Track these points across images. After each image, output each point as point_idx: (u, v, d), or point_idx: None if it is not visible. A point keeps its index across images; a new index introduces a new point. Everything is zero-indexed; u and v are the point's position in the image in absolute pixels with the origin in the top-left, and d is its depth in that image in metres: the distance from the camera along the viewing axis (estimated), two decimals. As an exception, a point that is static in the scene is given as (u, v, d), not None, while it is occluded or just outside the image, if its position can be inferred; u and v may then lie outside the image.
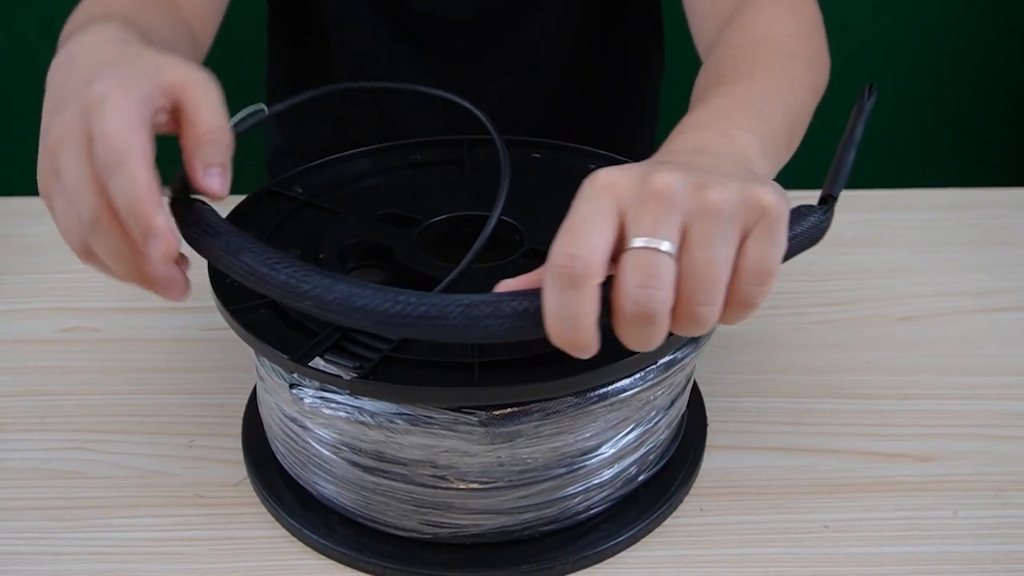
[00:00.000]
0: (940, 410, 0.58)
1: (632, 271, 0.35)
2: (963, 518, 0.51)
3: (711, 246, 0.35)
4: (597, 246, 0.35)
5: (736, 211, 0.36)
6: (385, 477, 0.46)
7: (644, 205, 0.35)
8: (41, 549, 0.49)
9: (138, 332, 0.63)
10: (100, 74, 0.39)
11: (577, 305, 0.35)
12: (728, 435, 0.55)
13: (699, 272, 0.35)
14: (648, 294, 0.35)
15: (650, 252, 0.35)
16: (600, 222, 0.35)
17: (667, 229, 0.35)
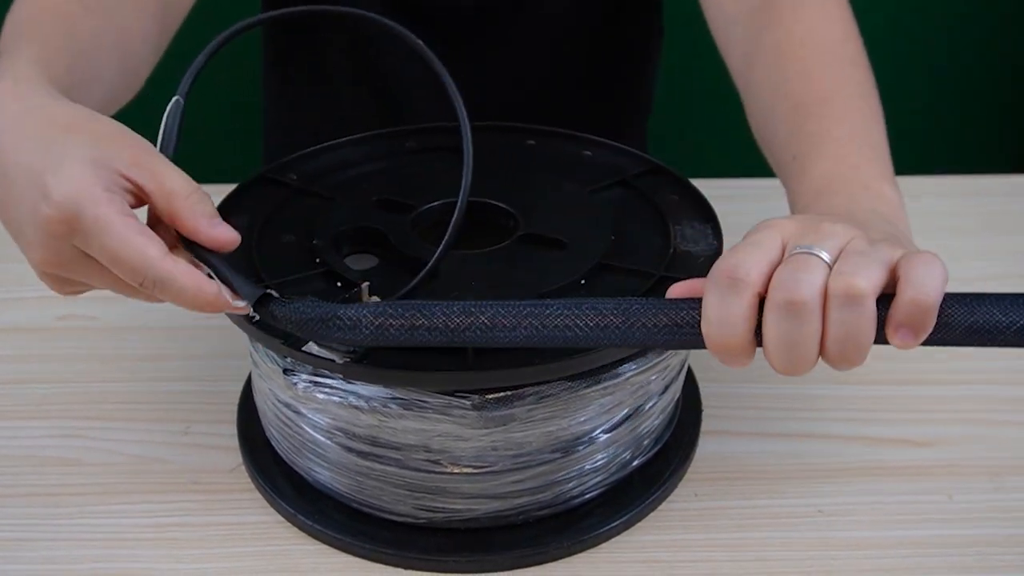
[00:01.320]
0: (936, 395, 0.58)
1: (787, 264, 0.38)
2: (959, 502, 0.51)
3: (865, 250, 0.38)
4: (759, 260, 0.38)
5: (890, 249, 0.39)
6: (379, 462, 0.46)
7: (807, 234, 0.39)
8: (37, 535, 0.49)
9: (133, 320, 0.63)
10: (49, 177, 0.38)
11: (735, 308, 0.38)
12: (723, 420, 0.55)
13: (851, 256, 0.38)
14: (796, 280, 0.37)
15: (806, 254, 0.38)
16: (765, 244, 0.39)
17: (824, 244, 0.38)
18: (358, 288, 0.46)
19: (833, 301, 0.37)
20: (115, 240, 0.38)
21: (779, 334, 0.38)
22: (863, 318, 0.37)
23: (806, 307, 0.37)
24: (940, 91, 1.37)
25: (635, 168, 0.57)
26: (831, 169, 0.48)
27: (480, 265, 0.49)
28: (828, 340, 0.38)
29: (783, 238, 0.39)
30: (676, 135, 1.12)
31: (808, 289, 0.37)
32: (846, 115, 0.51)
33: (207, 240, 0.41)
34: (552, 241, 0.50)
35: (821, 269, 0.38)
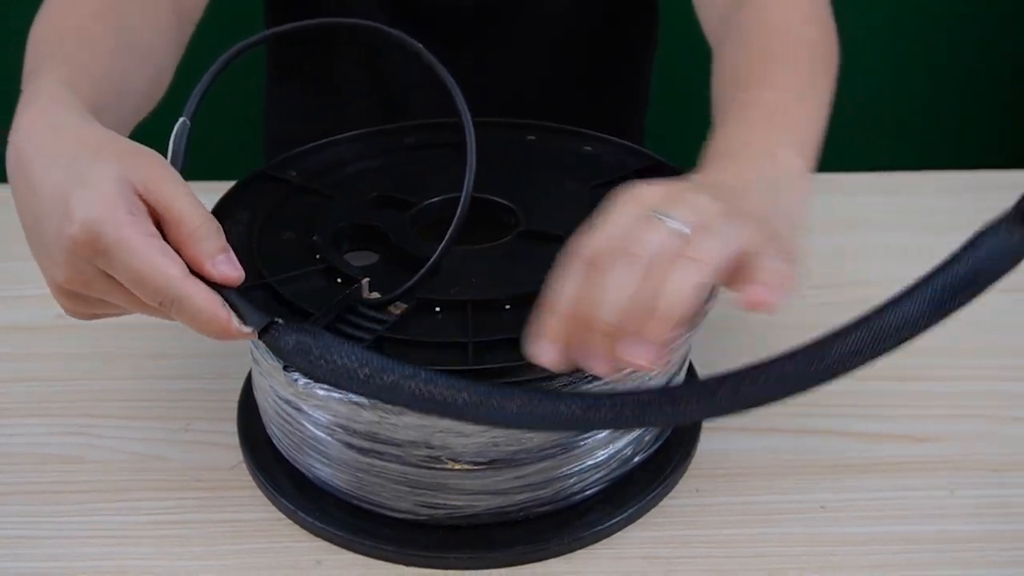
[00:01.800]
0: (937, 391, 0.58)
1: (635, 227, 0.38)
2: (960, 498, 0.51)
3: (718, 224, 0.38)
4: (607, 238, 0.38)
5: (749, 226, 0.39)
6: (380, 458, 0.46)
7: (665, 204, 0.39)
8: (38, 533, 0.49)
9: (133, 317, 0.62)
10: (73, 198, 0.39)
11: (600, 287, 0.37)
12: (724, 417, 0.55)
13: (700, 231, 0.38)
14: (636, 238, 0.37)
15: (654, 218, 0.38)
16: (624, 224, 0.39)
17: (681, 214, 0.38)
18: (358, 284, 0.46)
19: (677, 262, 0.37)
20: (137, 261, 0.39)
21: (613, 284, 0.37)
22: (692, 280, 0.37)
23: (637, 261, 0.37)
24: (940, 88, 1.37)
25: (636, 164, 0.57)
26: (738, 134, 0.48)
27: (481, 261, 0.49)
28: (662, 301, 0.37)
29: (644, 209, 0.39)
30: (674, 131, 1.12)
31: (647, 245, 0.37)
32: (776, 89, 0.51)
33: (211, 278, 0.41)
34: (553, 237, 0.50)
35: (666, 233, 0.38)
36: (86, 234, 0.39)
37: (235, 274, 0.41)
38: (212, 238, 0.41)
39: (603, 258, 0.38)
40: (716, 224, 0.38)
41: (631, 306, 0.37)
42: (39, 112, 0.43)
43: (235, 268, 0.41)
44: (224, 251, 0.41)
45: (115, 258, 0.39)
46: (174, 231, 0.41)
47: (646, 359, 0.37)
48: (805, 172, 0.47)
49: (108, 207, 0.39)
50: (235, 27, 0.72)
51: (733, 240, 0.38)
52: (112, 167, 0.40)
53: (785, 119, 0.49)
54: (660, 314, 0.37)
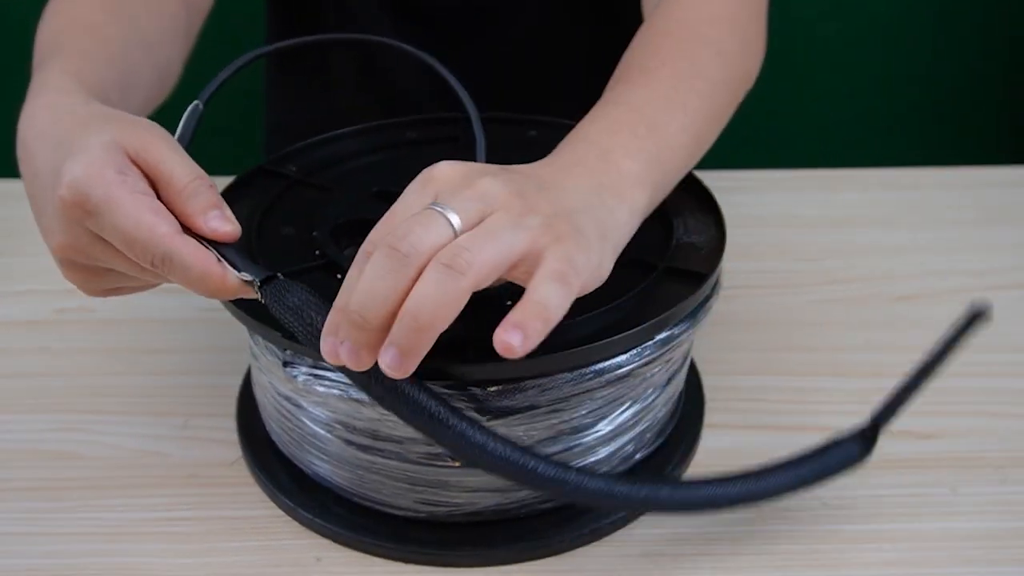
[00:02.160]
0: (939, 387, 0.56)
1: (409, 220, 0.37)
2: (963, 495, 0.50)
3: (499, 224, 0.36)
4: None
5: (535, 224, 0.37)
6: (380, 455, 0.46)
7: (456, 192, 0.37)
8: (35, 530, 0.49)
9: (132, 312, 0.63)
10: (64, 164, 0.39)
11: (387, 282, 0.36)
12: (726, 413, 0.55)
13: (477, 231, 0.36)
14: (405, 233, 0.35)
15: (431, 210, 0.37)
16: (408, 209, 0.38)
17: (462, 207, 0.37)
18: None
19: (433, 264, 0.35)
20: (124, 218, 0.38)
21: (367, 278, 0.36)
22: (442, 288, 0.35)
23: (403, 259, 0.35)
24: (939, 84, 1.36)
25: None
26: (589, 129, 0.46)
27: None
28: (407, 300, 0.35)
29: (436, 191, 0.38)
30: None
31: (414, 242, 0.35)
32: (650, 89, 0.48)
33: (204, 233, 0.40)
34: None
35: (438, 230, 0.36)
36: (74, 194, 0.38)
37: (228, 228, 0.40)
38: (203, 194, 0.40)
39: (373, 246, 0.37)
40: (496, 224, 0.36)
41: (379, 302, 0.35)
42: (42, 102, 0.43)
43: (228, 222, 0.40)
44: (216, 207, 0.40)
45: (104, 217, 0.38)
46: (166, 190, 0.40)
47: (391, 367, 0.36)
48: (641, 183, 0.44)
49: (96, 167, 0.38)
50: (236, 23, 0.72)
51: (507, 245, 0.36)
52: (104, 134, 0.40)
53: (643, 124, 0.46)
54: (405, 317, 0.35)
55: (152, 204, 0.39)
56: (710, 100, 0.50)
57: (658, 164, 0.45)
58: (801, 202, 0.75)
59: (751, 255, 0.68)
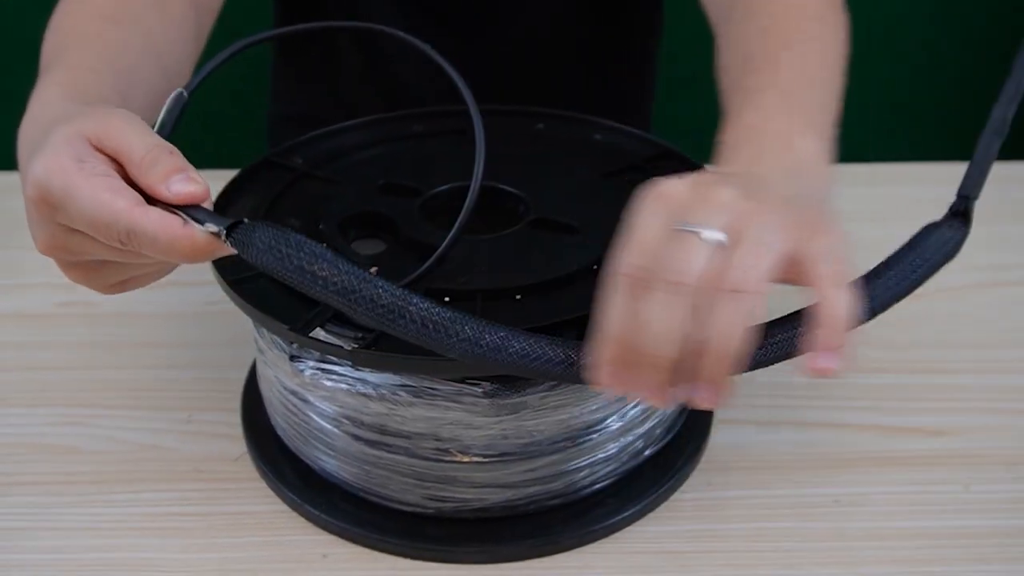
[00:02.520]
0: (952, 384, 0.57)
1: (672, 246, 0.35)
2: (975, 492, 0.50)
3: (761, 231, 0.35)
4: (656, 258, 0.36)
5: (789, 222, 0.36)
6: (387, 450, 0.45)
7: (694, 206, 0.36)
8: (39, 524, 0.48)
9: (136, 306, 0.62)
10: (28, 164, 0.39)
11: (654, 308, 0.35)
12: (736, 409, 0.55)
13: (745, 243, 0.35)
14: (683, 264, 0.34)
15: (691, 234, 0.35)
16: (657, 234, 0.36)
17: (712, 221, 0.35)
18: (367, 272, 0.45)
19: (722, 294, 0.34)
20: (82, 202, 0.38)
21: (654, 319, 0.35)
22: (741, 317, 0.34)
23: (688, 291, 0.34)
24: (948, 78, 1.36)
25: (646, 152, 0.56)
26: (751, 122, 0.46)
27: (490, 250, 0.48)
28: (707, 334, 0.34)
29: (672, 212, 0.36)
30: (677, 121, 1.11)
31: (693, 271, 0.34)
32: (786, 70, 0.49)
33: (169, 200, 0.39)
34: (563, 226, 0.49)
35: (707, 253, 0.35)
36: (37, 190, 0.38)
37: (193, 188, 0.39)
38: (162, 161, 0.39)
39: (642, 280, 0.35)
40: (751, 229, 0.35)
41: (681, 343, 0.35)
42: (29, 115, 0.44)
43: (192, 182, 0.39)
44: (179, 170, 0.39)
45: (67, 206, 0.38)
46: (128, 167, 0.39)
47: (708, 402, 0.36)
48: (824, 156, 0.45)
49: (54, 159, 0.38)
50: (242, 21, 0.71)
51: (773, 248, 0.35)
52: (67, 127, 0.39)
53: (799, 102, 0.47)
54: (715, 355, 0.35)
55: (110, 183, 0.38)
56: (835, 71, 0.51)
57: (826, 137, 0.46)
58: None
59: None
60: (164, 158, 0.39)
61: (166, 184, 0.39)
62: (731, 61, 0.53)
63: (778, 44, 0.51)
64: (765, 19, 0.53)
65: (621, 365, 0.36)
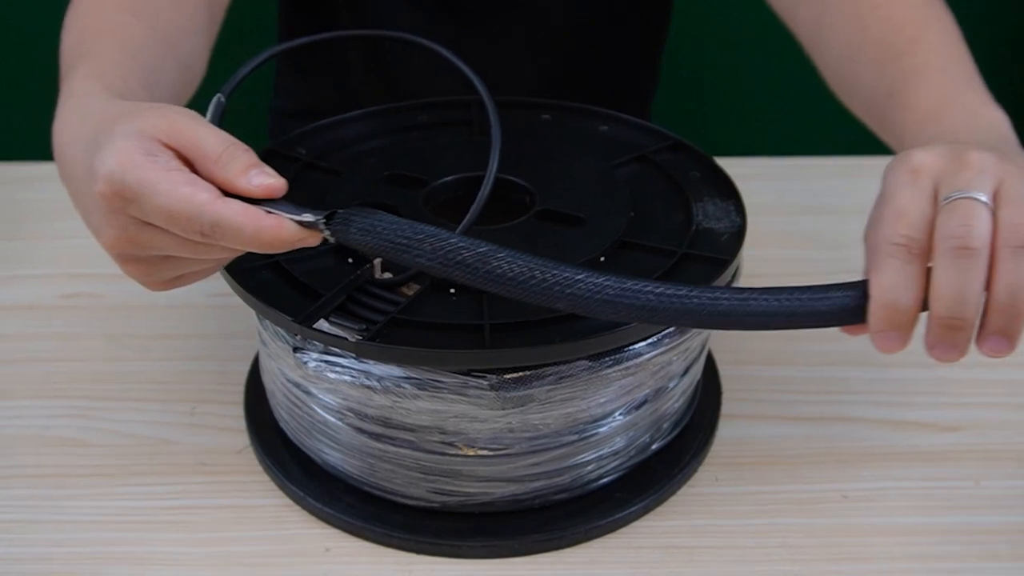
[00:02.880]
0: (963, 379, 0.56)
1: (948, 213, 0.37)
2: (986, 488, 0.49)
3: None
4: (920, 216, 0.37)
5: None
6: (392, 444, 0.45)
7: (958, 173, 0.38)
8: (42, 517, 0.48)
9: (139, 298, 0.62)
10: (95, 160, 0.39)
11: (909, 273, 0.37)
12: (743, 403, 0.54)
13: (1015, 201, 0.37)
14: (967, 228, 0.36)
15: (964, 199, 0.37)
16: (922, 203, 0.38)
17: (980, 184, 0.37)
18: (370, 265, 0.45)
19: (1005, 251, 0.36)
20: (162, 196, 0.38)
21: (950, 285, 0.36)
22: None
23: (978, 254, 0.36)
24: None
25: (654, 144, 0.56)
26: (935, 98, 0.48)
27: (497, 242, 0.47)
28: (997, 290, 0.36)
29: (932, 181, 0.38)
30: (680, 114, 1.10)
31: (979, 235, 0.36)
32: (936, 49, 0.51)
33: (251, 193, 0.39)
34: (571, 218, 0.49)
35: (986, 215, 0.37)
36: (110, 185, 0.38)
37: (272, 182, 0.39)
38: (239, 159, 0.39)
39: (917, 250, 0.37)
40: (1016, 189, 0.37)
41: (971, 302, 0.37)
42: (70, 106, 0.44)
43: (272, 176, 0.39)
44: (256, 165, 0.39)
45: (144, 200, 0.38)
46: (203, 164, 0.39)
47: (990, 350, 0.38)
48: (1007, 120, 0.46)
49: (126, 154, 0.38)
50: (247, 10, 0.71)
51: None
52: (130, 124, 0.39)
53: (964, 80, 0.48)
54: (1007, 309, 0.37)
55: (186, 177, 0.38)
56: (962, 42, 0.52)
57: (994, 102, 0.48)
58: (824, 190, 0.74)
59: (772, 242, 0.67)
60: (240, 154, 0.39)
61: (246, 178, 0.39)
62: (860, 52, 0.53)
63: (910, 29, 0.52)
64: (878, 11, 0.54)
65: (894, 328, 0.38)
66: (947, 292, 0.37)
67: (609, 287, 0.37)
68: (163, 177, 0.38)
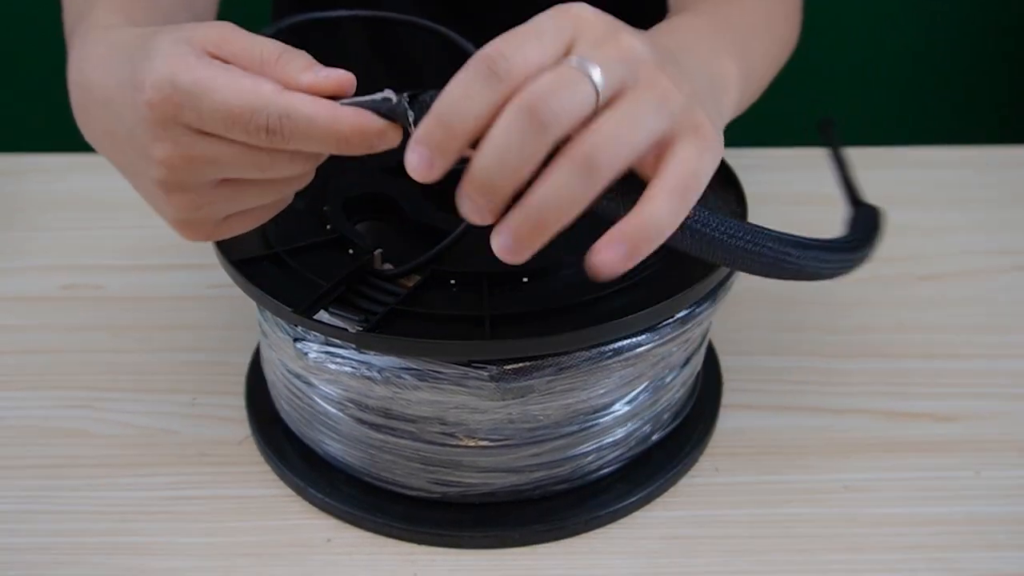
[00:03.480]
0: (964, 369, 0.56)
1: (552, 73, 0.32)
2: (986, 478, 0.49)
3: (642, 108, 0.32)
4: (531, 55, 0.32)
5: (676, 108, 0.33)
6: (392, 434, 0.45)
7: (599, 46, 0.33)
8: (42, 507, 0.48)
9: (140, 289, 0.62)
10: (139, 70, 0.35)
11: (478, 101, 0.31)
12: (744, 394, 0.54)
13: (617, 114, 0.32)
14: (550, 94, 0.31)
15: (576, 70, 0.32)
16: (546, 40, 0.33)
17: (607, 70, 0.32)
18: (371, 255, 0.45)
19: (567, 160, 0.31)
20: (222, 92, 0.34)
21: (504, 140, 0.31)
22: (584, 192, 0.32)
23: (546, 128, 0.31)
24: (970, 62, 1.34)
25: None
26: (692, 24, 0.46)
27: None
28: (536, 191, 0.32)
29: (572, 34, 0.33)
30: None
31: (559, 118, 0.31)
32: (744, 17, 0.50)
33: (319, 87, 0.35)
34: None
35: (587, 103, 0.32)
36: (160, 91, 0.34)
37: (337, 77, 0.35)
38: (298, 59, 0.35)
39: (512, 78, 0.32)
40: (641, 107, 0.32)
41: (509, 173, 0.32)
42: (92, 38, 0.40)
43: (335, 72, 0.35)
44: (316, 64, 0.36)
45: (200, 102, 0.34)
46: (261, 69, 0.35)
47: (499, 247, 0.33)
48: (737, 87, 0.43)
49: (175, 58, 0.35)
50: None
51: (649, 134, 0.32)
52: (176, 34, 0.36)
53: (737, 38, 0.47)
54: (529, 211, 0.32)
55: (244, 72, 0.35)
56: (777, 52, 0.51)
57: (746, 78, 0.45)
58: (826, 180, 0.73)
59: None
60: (300, 55, 0.36)
61: (312, 72, 0.35)
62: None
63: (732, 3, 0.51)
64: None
65: (429, 146, 0.32)
66: (492, 147, 0.31)
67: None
68: (221, 72, 0.34)
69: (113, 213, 0.69)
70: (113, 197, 0.70)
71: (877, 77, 1.31)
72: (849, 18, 1.26)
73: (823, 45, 1.21)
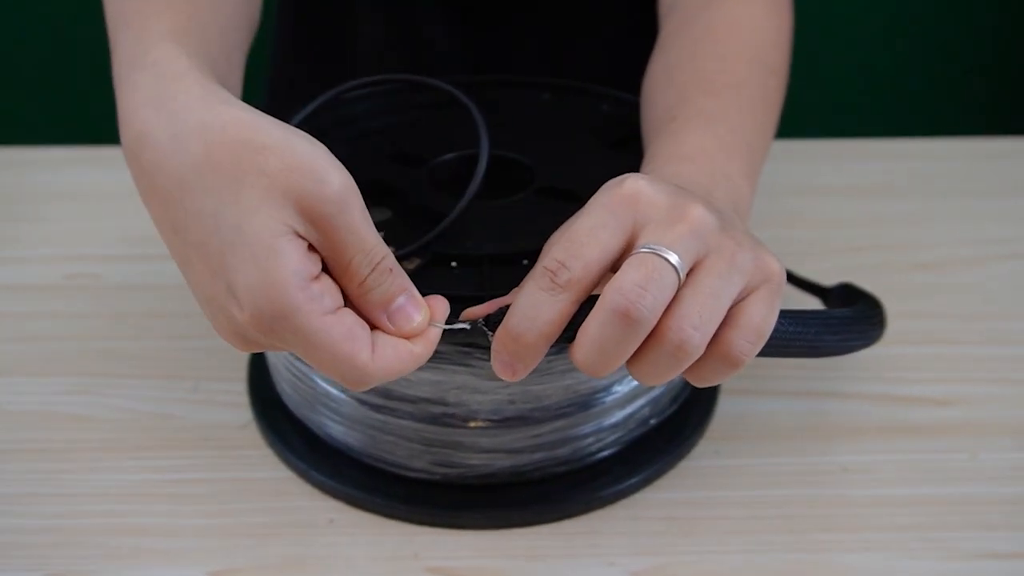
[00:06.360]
0: (959, 355, 0.57)
1: (634, 268, 0.34)
2: (981, 461, 0.50)
3: (721, 280, 0.35)
4: (594, 262, 0.35)
5: (748, 267, 0.36)
6: (393, 416, 0.45)
7: (670, 226, 0.35)
8: (46, 490, 0.48)
9: (141, 278, 0.62)
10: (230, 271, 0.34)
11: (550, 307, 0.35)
12: (743, 378, 0.54)
13: (702, 294, 0.35)
14: (640, 294, 0.34)
15: (658, 258, 0.34)
16: (607, 236, 0.35)
17: (683, 250, 0.35)
18: None
19: (663, 343, 0.35)
20: (319, 351, 0.34)
21: (600, 339, 0.34)
22: (677, 366, 0.35)
23: (641, 324, 0.34)
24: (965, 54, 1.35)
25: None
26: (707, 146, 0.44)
27: (497, 217, 0.48)
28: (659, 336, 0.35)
29: (634, 219, 0.35)
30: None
31: (650, 309, 0.34)
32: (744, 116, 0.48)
33: (388, 332, 0.36)
34: (569, 194, 0.49)
35: (671, 279, 0.34)
36: (259, 323, 0.34)
37: (416, 323, 0.36)
38: (383, 287, 0.36)
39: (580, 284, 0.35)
40: (717, 282, 0.35)
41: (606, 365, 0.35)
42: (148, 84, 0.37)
43: (414, 316, 0.36)
44: (403, 290, 0.36)
45: (287, 336, 0.34)
46: (347, 283, 0.36)
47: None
48: (751, 197, 0.44)
49: (277, 290, 0.33)
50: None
51: (728, 301, 0.35)
52: (265, 209, 0.34)
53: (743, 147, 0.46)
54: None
55: (343, 330, 0.35)
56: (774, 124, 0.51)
57: (755, 180, 0.46)
58: (821, 172, 0.74)
59: (771, 223, 0.67)
60: (386, 281, 0.36)
61: (388, 318, 0.36)
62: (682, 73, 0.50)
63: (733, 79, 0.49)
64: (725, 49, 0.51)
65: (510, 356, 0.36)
66: (589, 345, 0.34)
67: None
68: (319, 323, 0.34)
69: (113, 204, 0.69)
70: (113, 189, 0.70)
71: (869, 70, 1.32)
72: (839, 11, 1.27)
73: (814, 39, 1.22)
